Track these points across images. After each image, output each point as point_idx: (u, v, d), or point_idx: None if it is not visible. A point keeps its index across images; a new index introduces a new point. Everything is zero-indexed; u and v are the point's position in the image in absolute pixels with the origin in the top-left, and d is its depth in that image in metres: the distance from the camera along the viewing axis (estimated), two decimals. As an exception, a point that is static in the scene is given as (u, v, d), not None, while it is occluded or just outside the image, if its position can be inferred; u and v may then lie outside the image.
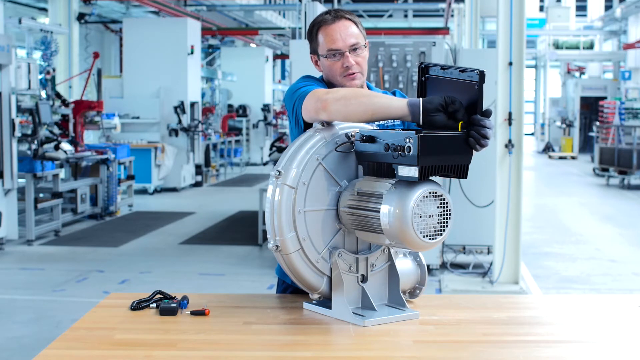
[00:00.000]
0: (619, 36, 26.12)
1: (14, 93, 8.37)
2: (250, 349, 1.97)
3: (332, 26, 2.48)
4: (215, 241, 8.94)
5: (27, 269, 7.42)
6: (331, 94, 2.23)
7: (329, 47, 2.48)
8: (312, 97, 2.26)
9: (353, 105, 2.18)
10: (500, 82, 6.45)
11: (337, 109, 2.19)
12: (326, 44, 2.48)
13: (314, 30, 2.53)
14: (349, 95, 2.21)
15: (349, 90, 2.27)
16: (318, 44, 2.52)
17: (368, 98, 2.19)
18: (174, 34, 13.59)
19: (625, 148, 15.21)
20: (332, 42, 2.47)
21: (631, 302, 2.41)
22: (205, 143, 15.27)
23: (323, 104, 2.20)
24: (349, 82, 2.49)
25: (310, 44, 2.57)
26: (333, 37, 2.47)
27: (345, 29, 2.48)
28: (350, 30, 2.49)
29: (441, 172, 2.04)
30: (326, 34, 2.49)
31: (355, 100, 2.18)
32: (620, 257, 8.27)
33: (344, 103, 2.18)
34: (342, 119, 2.21)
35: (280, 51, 22.03)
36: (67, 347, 1.98)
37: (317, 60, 2.57)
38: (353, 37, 2.48)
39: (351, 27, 2.49)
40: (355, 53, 2.49)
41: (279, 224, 2.12)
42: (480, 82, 2.05)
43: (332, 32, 2.48)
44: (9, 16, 12.12)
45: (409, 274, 2.34)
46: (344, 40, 2.47)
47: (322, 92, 2.25)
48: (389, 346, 2.00)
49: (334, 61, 2.48)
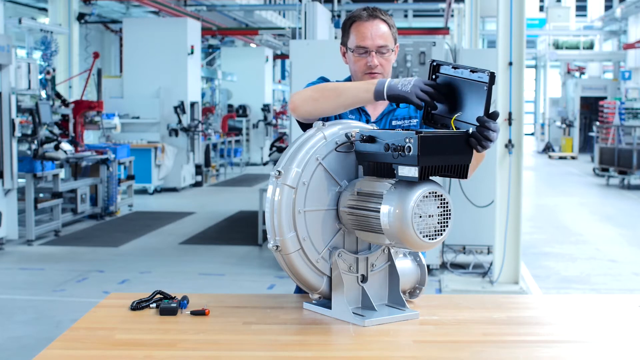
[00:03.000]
0: (619, 36, 26.13)
1: (14, 93, 8.36)
2: (250, 349, 1.97)
3: (365, 23, 2.56)
4: (215, 241, 8.94)
5: (27, 269, 7.42)
6: (298, 94, 2.38)
7: (357, 43, 2.56)
8: (290, 98, 2.42)
9: (321, 102, 2.34)
10: (500, 82, 6.44)
11: (306, 109, 2.37)
12: (356, 40, 2.57)
13: (347, 24, 2.61)
14: (315, 94, 2.35)
15: (314, 88, 2.39)
16: (349, 37, 2.60)
17: (334, 91, 2.34)
18: (174, 34, 13.59)
19: (625, 148, 15.21)
20: (361, 39, 2.55)
21: (631, 302, 2.41)
22: (205, 143, 15.27)
23: (292, 105, 2.39)
24: (369, 79, 2.53)
25: (342, 35, 2.65)
26: (364, 34, 2.55)
27: (377, 29, 2.55)
28: (382, 31, 2.56)
29: (441, 172, 2.04)
30: (358, 30, 2.57)
31: (322, 97, 2.34)
32: (620, 257, 8.27)
33: (312, 103, 2.35)
34: (316, 116, 2.36)
35: (280, 51, 22.03)
36: (67, 347, 1.98)
37: (345, 53, 2.65)
38: (382, 39, 2.55)
39: (383, 29, 2.56)
40: (382, 54, 2.56)
41: (279, 224, 2.12)
42: (490, 84, 2.06)
43: (363, 29, 2.55)
44: (9, 16, 12.11)
45: (409, 274, 2.34)
46: (372, 40, 2.54)
47: (295, 94, 2.40)
48: (389, 346, 2.00)
49: (359, 58, 2.57)
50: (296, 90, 7.11)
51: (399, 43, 2.68)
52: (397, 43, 2.62)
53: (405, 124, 2.60)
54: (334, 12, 14.79)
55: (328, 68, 7.07)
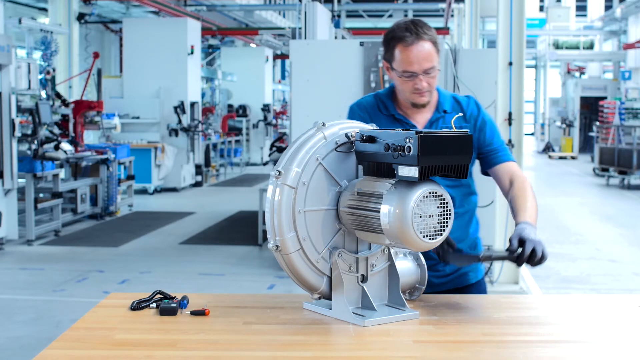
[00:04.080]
0: (619, 36, 26.13)
1: (14, 93, 8.36)
2: (250, 349, 1.97)
3: (410, 48, 2.48)
4: (215, 241, 8.94)
5: (27, 269, 7.42)
6: None
7: (403, 68, 2.50)
8: None
9: None
10: (500, 82, 6.44)
11: None
12: (401, 64, 2.50)
13: (391, 43, 2.53)
14: None
15: None
16: (393, 58, 2.53)
17: None
18: (174, 34, 13.59)
19: (625, 148, 15.21)
20: (408, 64, 2.49)
21: (631, 302, 2.41)
22: (205, 143, 15.27)
23: None
24: (417, 98, 2.56)
25: (385, 52, 2.58)
26: (410, 59, 2.48)
27: (423, 52, 2.48)
28: (427, 52, 2.49)
29: (441, 172, 2.04)
30: (403, 54, 2.49)
31: None
32: (620, 257, 8.27)
33: None
34: None
35: (280, 51, 22.02)
36: (67, 347, 1.98)
37: (389, 68, 2.59)
38: (428, 61, 2.49)
39: (428, 48, 2.49)
40: (428, 75, 2.51)
41: (279, 224, 2.12)
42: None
43: (409, 54, 2.48)
44: (9, 16, 12.11)
45: (409, 274, 2.34)
46: (419, 64, 2.48)
47: None
48: (389, 346, 2.00)
49: (406, 80, 2.52)
50: (296, 90, 7.13)
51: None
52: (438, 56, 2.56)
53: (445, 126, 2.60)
54: (334, 12, 14.79)
55: (328, 68, 7.10)
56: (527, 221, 2.35)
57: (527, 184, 2.55)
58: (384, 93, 2.70)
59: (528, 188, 2.53)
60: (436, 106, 2.65)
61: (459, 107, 2.67)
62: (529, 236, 2.24)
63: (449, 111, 2.63)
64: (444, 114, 2.63)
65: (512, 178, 2.59)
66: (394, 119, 2.63)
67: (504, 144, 2.72)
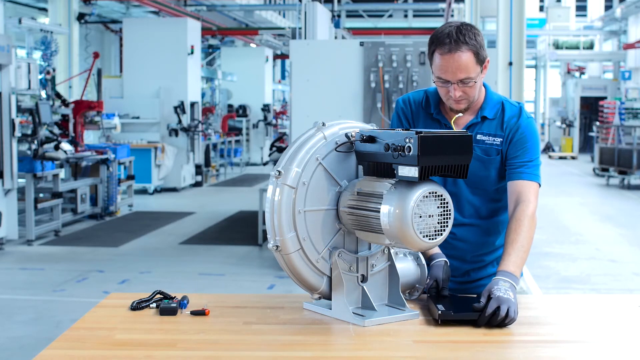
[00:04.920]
0: (619, 36, 26.12)
1: (14, 93, 8.36)
2: (250, 349, 1.97)
3: (446, 56, 2.41)
4: (215, 241, 8.94)
5: (27, 269, 7.42)
6: None
7: (438, 74, 2.46)
8: None
9: None
10: (500, 82, 6.44)
11: None
12: (437, 70, 2.46)
13: (432, 47, 2.47)
14: None
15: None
16: (432, 62, 2.49)
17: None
18: (174, 34, 13.59)
19: (625, 148, 15.21)
20: (443, 72, 2.44)
21: (631, 302, 2.41)
22: (205, 143, 15.26)
23: None
24: (454, 104, 2.50)
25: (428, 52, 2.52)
26: (445, 68, 2.43)
27: (459, 62, 2.40)
28: (464, 62, 2.41)
29: (441, 172, 2.04)
30: (439, 61, 2.43)
31: None
32: (620, 257, 8.27)
33: None
34: None
35: (280, 51, 22.02)
36: (67, 347, 1.98)
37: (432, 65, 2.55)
38: (464, 72, 2.41)
39: (465, 58, 2.40)
40: (464, 84, 2.44)
41: (279, 224, 2.12)
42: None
43: (445, 62, 2.42)
44: (9, 16, 12.11)
45: (409, 274, 2.34)
46: (453, 74, 2.42)
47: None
48: (389, 346, 2.00)
49: (442, 86, 2.48)
50: (296, 90, 7.13)
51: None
52: (488, 57, 2.49)
53: (489, 141, 2.54)
54: (334, 12, 14.79)
55: (328, 68, 7.11)
56: (506, 271, 2.26)
57: (525, 214, 2.41)
58: (433, 90, 2.65)
59: (525, 220, 2.39)
60: (477, 111, 2.58)
61: (502, 114, 2.57)
62: (496, 293, 2.16)
63: (490, 117, 2.56)
64: (483, 120, 2.56)
65: (518, 201, 2.46)
66: (432, 118, 2.61)
67: (535, 162, 2.54)
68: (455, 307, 2.19)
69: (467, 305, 2.20)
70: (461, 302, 2.27)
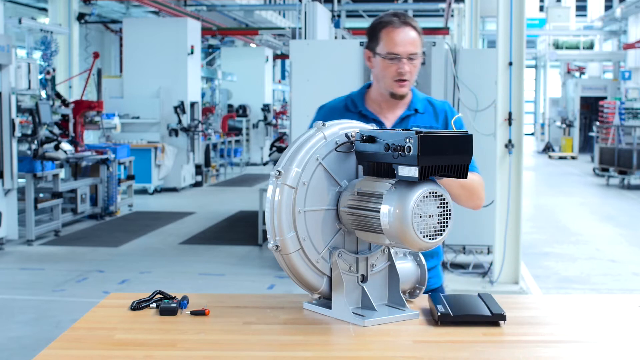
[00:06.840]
0: (619, 36, 26.12)
1: (14, 93, 8.37)
2: (250, 349, 1.97)
3: (397, 30, 2.54)
4: (215, 241, 8.94)
5: (27, 269, 7.42)
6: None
7: (389, 50, 2.54)
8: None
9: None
10: (500, 82, 6.44)
11: None
12: (386, 47, 2.55)
13: (377, 29, 2.59)
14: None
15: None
16: (378, 43, 2.58)
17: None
18: (174, 34, 13.59)
19: (625, 148, 15.21)
20: (393, 45, 2.54)
21: (631, 302, 2.41)
22: (205, 143, 15.27)
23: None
24: (397, 88, 2.58)
25: (369, 41, 2.63)
26: (395, 41, 2.53)
27: (409, 36, 2.55)
28: (412, 38, 2.56)
29: (441, 172, 2.04)
30: (389, 36, 2.55)
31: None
32: (620, 257, 8.28)
33: None
34: None
35: (280, 51, 22.03)
36: (67, 347, 1.98)
37: (371, 57, 2.63)
38: (413, 46, 2.55)
39: (413, 35, 2.56)
40: (411, 60, 2.55)
41: (279, 224, 2.12)
42: None
43: (395, 36, 2.54)
44: (9, 16, 12.11)
45: (409, 274, 2.34)
46: (404, 47, 2.53)
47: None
48: (389, 346, 2.00)
49: (390, 64, 2.55)
50: (296, 90, 7.13)
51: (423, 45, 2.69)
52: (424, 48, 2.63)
53: None
54: (334, 12, 14.80)
55: (328, 68, 7.10)
56: None
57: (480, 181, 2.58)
58: (356, 92, 2.75)
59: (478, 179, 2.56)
60: (408, 105, 2.69)
61: (433, 109, 2.70)
62: None
63: (421, 111, 2.67)
64: (415, 112, 2.66)
65: None
66: (360, 116, 2.66)
67: None
68: (455, 307, 2.19)
69: (467, 305, 2.20)
70: (461, 302, 2.27)
